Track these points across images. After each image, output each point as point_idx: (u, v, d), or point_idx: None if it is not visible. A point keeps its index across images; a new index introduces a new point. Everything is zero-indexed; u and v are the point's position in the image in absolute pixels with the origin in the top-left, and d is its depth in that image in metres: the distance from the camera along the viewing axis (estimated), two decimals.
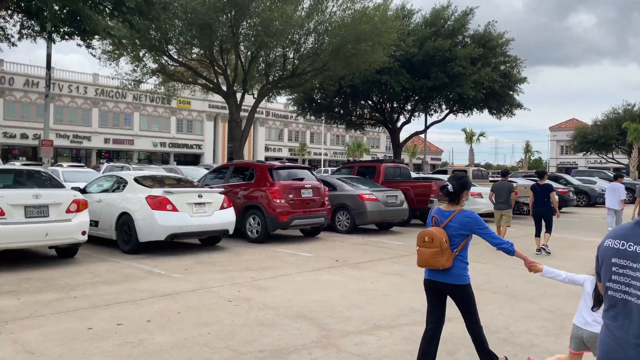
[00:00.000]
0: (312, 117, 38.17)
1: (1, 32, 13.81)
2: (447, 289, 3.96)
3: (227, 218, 10.29)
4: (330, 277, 7.86)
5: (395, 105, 33.70)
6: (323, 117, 36.52)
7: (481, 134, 69.90)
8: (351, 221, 13.22)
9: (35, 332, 4.95)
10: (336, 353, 4.62)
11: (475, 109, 32.91)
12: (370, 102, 33.28)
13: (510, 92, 31.49)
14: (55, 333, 4.92)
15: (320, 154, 66.69)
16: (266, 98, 27.74)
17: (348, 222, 13.29)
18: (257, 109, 27.62)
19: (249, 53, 22.83)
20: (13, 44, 14.21)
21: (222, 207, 10.23)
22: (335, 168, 27.73)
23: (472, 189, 16.82)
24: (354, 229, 13.26)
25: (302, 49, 22.95)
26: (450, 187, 4.00)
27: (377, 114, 34.51)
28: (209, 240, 10.80)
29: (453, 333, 5.14)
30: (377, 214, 13.29)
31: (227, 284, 7.18)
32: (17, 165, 20.77)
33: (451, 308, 6.15)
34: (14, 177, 8.98)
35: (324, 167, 51.61)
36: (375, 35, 21.26)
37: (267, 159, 54.70)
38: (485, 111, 32.99)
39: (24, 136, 45.31)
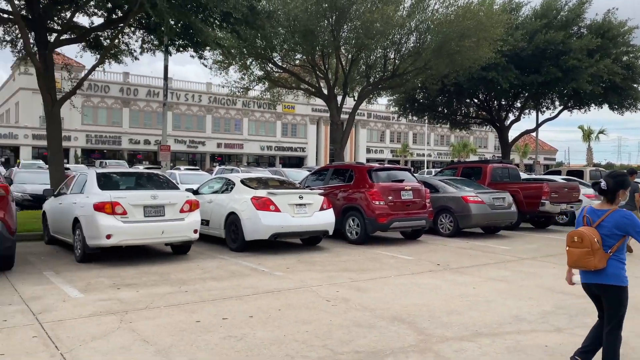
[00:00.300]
0: (414, 118, 37.49)
1: (126, 47, 15.24)
2: (600, 290, 3.75)
3: (326, 219, 10.47)
4: (431, 281, 7.68)
5: (503, 102, 32.12)
6: (426, 117, 35.72)
7: (601, 132, 64.78)
8: (454, 224, 12.82)
9: (150, 322, 5.37)
10: (434, 359, 4.51)
11: (593, 105, 30.41)
12: (476, 100, 32.03)
13: (635, 85, 28.72)
14: (167, 324, 5.30)
15: (423, 155, 65.48)
16: (367, 100, 27.75)
17: (451, 225, 12.91)
18: (358, 111, 27.71)
19: (349, 56, 23.00)
20: (136, 58, 15.67)
21: (321, 209, 10.42)
22: (438, 169, 27.02)
23: (589, 191, 15.57)
24: (458, 232, 12.85)
25: (403, 49, 22.67)
26: (603, 184, 3.76)
27: (484, 113, 33.11)
28: (309, 241, 11.05)
29: (563, 345, 4.81)
30: (482, 217, 12.77)
31: (326, 284, 7.29)
32: (140, 168, 22.74)
33: (562, 316, 5.74)
34: (135, 179, 9.91)
35: (427, 168, 50.61)
36: (480, 30, 20.47)
37: (368, 160, 54.76)
38: (605, 106, 30.36)
39: (146, 142, 49.61)
